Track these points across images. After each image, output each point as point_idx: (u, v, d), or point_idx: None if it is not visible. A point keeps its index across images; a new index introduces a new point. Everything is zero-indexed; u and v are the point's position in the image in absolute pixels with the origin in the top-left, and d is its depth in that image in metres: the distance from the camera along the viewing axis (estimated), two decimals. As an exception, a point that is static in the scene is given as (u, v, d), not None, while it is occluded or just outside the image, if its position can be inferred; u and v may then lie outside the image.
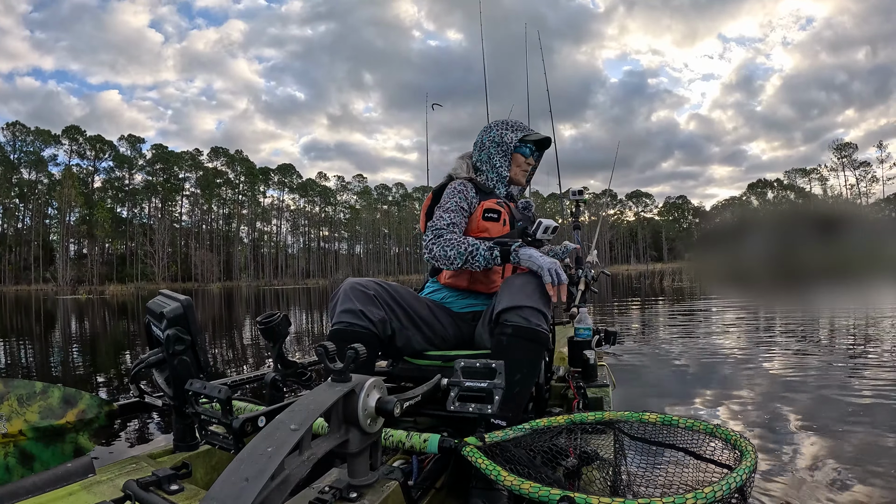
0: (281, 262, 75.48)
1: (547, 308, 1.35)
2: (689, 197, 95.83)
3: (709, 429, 1.04)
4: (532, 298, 1.33)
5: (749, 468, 0.87)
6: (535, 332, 1.31)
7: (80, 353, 5.66)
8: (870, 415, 2.36)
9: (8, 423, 0.97)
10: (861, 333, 4.97)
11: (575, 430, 1.15)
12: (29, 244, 59.07)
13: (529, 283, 1.36)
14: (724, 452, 1.01)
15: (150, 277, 59.22)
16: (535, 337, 1.31)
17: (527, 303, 1.32)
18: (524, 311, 1.31)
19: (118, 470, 0.97)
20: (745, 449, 0.94)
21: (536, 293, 1.34)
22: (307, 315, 11.19)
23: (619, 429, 1.13)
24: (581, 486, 1.14)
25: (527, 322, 1.31)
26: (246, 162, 75.87)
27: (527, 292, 1.34)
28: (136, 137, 70.08)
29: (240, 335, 7.43)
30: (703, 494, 0.80)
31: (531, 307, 1.32)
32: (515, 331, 1.30)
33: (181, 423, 1.12)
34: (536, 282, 1.36)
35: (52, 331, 8.66)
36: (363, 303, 1.40)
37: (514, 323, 1.31)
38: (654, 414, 1.11)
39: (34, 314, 13.27)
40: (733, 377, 3.29)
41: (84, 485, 0.89)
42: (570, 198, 2.88)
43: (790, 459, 1.86)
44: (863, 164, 72.44)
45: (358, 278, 1.48)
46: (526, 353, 1.31)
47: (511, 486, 0.88)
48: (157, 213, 68.85)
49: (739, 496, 0.85)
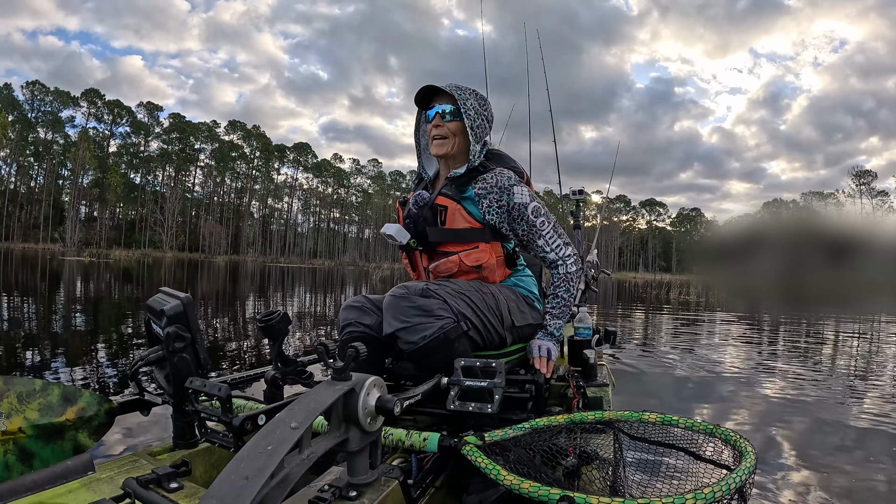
0: (289, 240, 75.49)
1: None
2: (703, 210, 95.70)
3: (708, 429, 1.04)
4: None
5: (749, 468, 0.87)
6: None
7: (64, 315, 5.64)
8: (864, 442, 2.36)
9: (8, 421, 0.97)
10: (865, 359, 4.97)
11: (575, 429, 1.15)
12: (40, 203, 59.26)
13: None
14: (724, 452, 1.01)
15: (157, 245, 59.63)
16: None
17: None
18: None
19: (118, 467, 0.97)
20: (745, 449, 0.94)
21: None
22: (311, 297, 11.18)
23: (619, 428, 1.13)
24: (581, 486, 1.14)
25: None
26: (262, 138, 75.95)
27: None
28: (154, 105, 70.55)
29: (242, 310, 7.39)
30: (703, 494, 0.80)
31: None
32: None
33: (181, 421, 1.11)
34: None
35: (47, 290, 8.74)
36: (356, 314, 1.45)
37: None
38: (654, 414, 1.11)
39: (33, 273, 13.38)
40: (734, 394, 3.29)
41: (84, 482, 0.89)
42: (571, 198, 2.89)
43: (790, 472, 1.86)
44: (881, 192, 72.24)
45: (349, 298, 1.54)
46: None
47: (510, 485, 0.88)
48: (169, 182, 69.21)
49: (739, 496, 0.85)
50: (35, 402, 1.02)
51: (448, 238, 1.45)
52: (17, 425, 0.98)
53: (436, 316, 1.27)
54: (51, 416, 1.03)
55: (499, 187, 1.42)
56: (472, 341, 1.38)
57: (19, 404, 1.00)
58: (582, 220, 3.02)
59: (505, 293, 1.47)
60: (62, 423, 1.04)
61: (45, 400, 1.04)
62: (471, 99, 1.45)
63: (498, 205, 1.42)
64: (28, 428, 0.99)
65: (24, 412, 1.00)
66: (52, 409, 1.04)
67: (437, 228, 1.45)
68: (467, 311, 1.35)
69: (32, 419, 1.00)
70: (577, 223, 3.00)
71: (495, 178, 1.43)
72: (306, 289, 13.91)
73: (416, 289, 1.30)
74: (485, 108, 1.49)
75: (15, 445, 0.97)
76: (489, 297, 1.41)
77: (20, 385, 1.03)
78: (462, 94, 1.44)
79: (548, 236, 1.47)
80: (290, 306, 8.56)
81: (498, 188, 1.42)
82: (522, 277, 1.59)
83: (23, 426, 0.99)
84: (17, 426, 0.98)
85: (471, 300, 1.37)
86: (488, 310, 1.40)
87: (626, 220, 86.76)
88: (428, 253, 1.50)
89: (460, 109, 1.43)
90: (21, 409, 1.00)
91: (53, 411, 1.04)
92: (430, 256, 1.50)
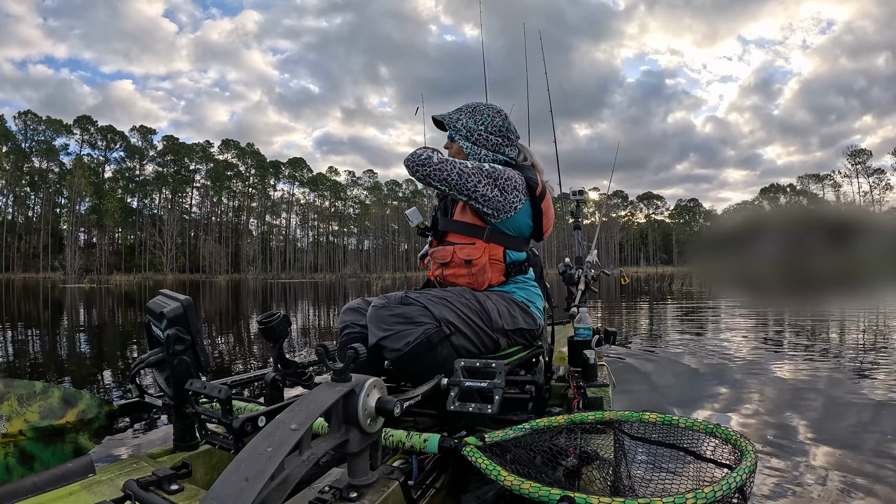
0: (289, 255, 75.67)
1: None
2: (702, 200, 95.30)
3: (709, 428, 1.04)
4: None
5: (749, 468, 0.87)
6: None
7: (52, 341, 5.66)
8: (880, 422, 2.34)
9: (8, 423, 0.97)
10: (872, 340, 4.96)
11: (575, 429, 1.15)
12: (38, 232, 59.28)
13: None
14: (725, 452, 1.01)
15: (158, 268, 59.63)
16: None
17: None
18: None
19: (118, 470, 0.97)
20: (746, 449, 0.94)
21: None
22: (314, 310, 11.19)
23: (620, 428, 1.13)
24: (581, 486, 1.14)
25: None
26: (257, 155, 76.11)
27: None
28: (147, 128, 70.44)
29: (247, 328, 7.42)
30: (704, 494, 0.80)
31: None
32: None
33: (181, 423, 1.12)
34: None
35: (43, 318, 8.77)
36: (354, 316, 1.52)
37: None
38: (655, 414, 1.11)
39: (32, 301, 13.41)
40: (742, 381, 3.27)
41: (84, 485, 0.89)
42: (570, 198, 2.88)
43: (795, 465, 1.85)
44: (877, 171, 71.67)
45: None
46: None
47: (511, 485, 0.88)
48: (166, 204, 69.11)
49: (740, 496, 0.85)
50: (35, 405, 1.02)
51: (451, 228, 1.57)
52: (17, 428, 0.98)
53: (416, 322, 1.30)
54: (51, 418, 1.03)
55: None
56: (461, 346, 1.39)
57: (20, 407, 1.00)
58: (581, 219, 3.02)
59: (493, 298, 1.49)
60: (63, 425, 1.04)
61: (45, 402, 1.04)
62: (462, 118, 1.62)
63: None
64: (29, 430, 0.99)
65: (25, 414, 1.00)
66: (52, 412, 1.04)
67: (445, 218, 1.60)
68: (450, 316, 1.36)
69: (33, 421, 1.00)
70: (576, 223, 3.00)
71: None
72: (308, 302, 13.92)
73: (396, 298, 1.35)
74: (481, 119, 1.61)
75: (15, 448, 0.97)
76: (473, 302, 1.43)
77: (21, 387, 1.03)
78: (452, 117, 1.64)
79: (470, 168, 1.46)
80: (294, 320, 8.57)
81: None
82: (523, 287, 1.59)
83: (23, 428, 0.99)
84: (18, 428, 0.98)
85: (453, 305, 1.39)
86: (473, 313, 1.42)
87: (623, 215, 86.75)
88: (438, 240, 1.61)
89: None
90: (22, 412, 1.00)
91: (54, 414, 1.04)
92: (439, 244, 1.60)
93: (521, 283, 1.60)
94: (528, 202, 1.54)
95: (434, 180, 1.43)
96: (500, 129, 1.61)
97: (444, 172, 1.42)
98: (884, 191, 70.48)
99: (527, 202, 1.53)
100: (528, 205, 1.54)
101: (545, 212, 1.59)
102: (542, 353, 1.67)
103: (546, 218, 1.61)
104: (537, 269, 1.84)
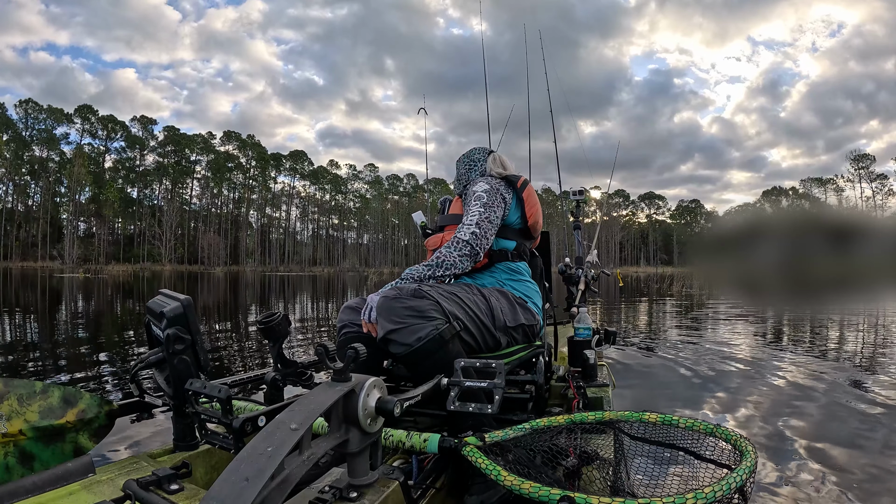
0: (289, 248, 75.52)
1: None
2: (705, 201, 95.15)
3: (709, 429, 1.04)
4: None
5: (749, 468, 0.87)
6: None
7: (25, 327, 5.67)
8: (879, 424, 2.33)
9: (8, 423, 0.97)
10: (872, 343, 4.95)
11: (575, 429, 1.15)
12: (38, 221, 59.21)
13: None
14: (725, 452, 1.01)
15: (156, 258, 59.53)
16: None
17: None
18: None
19: (118, 469, 0.97)
20: (746, 449, 0.94)
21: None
22: (311, 303, 11.19)
23: (620, 429, 1.13)
24: (581, 486, 1.14)
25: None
26: (258, 147, 76.03)
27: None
28: (148, 119, 70.55)
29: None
30: (704, 494, 0.80)
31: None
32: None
33: (181, 423, 1.12)
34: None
35: (31, 306, 8.82)
36: (354, 315, 1.52)
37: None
38: (655, 414, 1.10)
39: (25, 290, 13.42)
40: (742, 382, 3.27)
41: (84, 484, 0.89)
42: (571, 197, 2.89)
43: (795, 465, 1.84)
44: (880, 176, 71.68)
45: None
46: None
47: (511, 485, 0.88)
48: (166, 195, 69.09)
49: (740, 496, 0.85)
50: (35, 405, 1.02)
51: (447, 221, 1.77)
52: (17, 427, 0.98)
53: (428, 317, 1.28)
54: (51, 418, 1.03)
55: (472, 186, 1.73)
56: (465, 343, 1.39)
57: (20, 406, 1.00)
58: (582, 219, 3.02)
59: (496, 295, 1.52)
60: (62, 425, 1.04)
61: (45, 402, 1.04)
62: (460, 169, 1.86)
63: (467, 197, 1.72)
64: (28, 430, 0.99)
65: (25, 414, 1.00)
66: (52, 412, 1.04)
67: (442, 215, 1.88)
68: (459, 312, 1.36)
69: (33, 421, 1.00)
70: (577, 223, 3.00)
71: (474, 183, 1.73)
72: (306, 295, 13.90)
73: (409, 290, 1.33)
74: (472, 163, 1.83)
75: (15, 447, 0.97)
76: (480, 299, 1.45)
77: (20, 387, 1.02)
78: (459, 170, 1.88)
79: (471, 213, 1.59)
80: (292, 313, 8.56)
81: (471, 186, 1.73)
82: (520, 283, 1.65)
83: (23, 428, 0.99)
84: (18, 428, 0.98)
85: (462, 301, 1.40)
86: (480, 311, 1.43)
87: (624, 214, 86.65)
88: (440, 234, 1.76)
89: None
90: (21, 412, 1.00)
91: (54, 413, 1.04)
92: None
93: (516, 278, 1.64)
94: (514, 195, 1.69)
95: (482, 249, 1.55)
96: (480, 161, 1.85)
97: (482, 239, 1.54)
98: (886, 196, 70.52)
99: (513, 196, 1.68)
100: (514, 198, 1.69)
101: (526, 199, 1.69)
102: (542, 352, 1.67)
103: (528, 205, 1.70)
104: (538, 269, 1.86)
